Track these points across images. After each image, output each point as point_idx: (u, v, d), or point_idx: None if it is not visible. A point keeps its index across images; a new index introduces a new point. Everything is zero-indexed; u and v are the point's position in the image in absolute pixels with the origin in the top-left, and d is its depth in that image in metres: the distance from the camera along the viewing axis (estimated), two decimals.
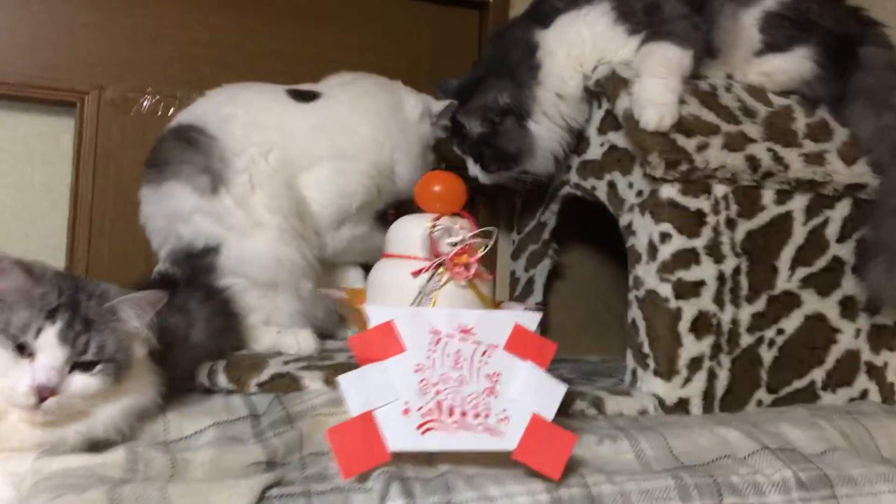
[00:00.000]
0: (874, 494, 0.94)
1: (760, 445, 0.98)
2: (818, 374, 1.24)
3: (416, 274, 0.91)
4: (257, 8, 1.51)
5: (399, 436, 0.81)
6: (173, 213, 1.21)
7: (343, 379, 0.82)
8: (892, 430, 1.09)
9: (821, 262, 1.24)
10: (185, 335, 1.07)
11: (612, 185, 1.25)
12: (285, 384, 1.04)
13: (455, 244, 0.91)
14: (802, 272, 1.23)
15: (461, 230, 0.92)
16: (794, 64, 1.29)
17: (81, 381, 0.83)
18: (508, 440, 0.83)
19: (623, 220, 1.23)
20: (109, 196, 1.39)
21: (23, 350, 0.82)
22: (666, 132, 1.13)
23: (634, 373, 1.19)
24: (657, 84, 1.15)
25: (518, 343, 0.88)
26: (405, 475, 0.81)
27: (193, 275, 1.19)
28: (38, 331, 0.82)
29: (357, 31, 1.58)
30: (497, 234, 0.96)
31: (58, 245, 1.41)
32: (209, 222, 1.20)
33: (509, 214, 1.63)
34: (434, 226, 0.91)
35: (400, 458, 0.84)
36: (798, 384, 1.23)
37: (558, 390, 0.86)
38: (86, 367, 0.84)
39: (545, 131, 1.31)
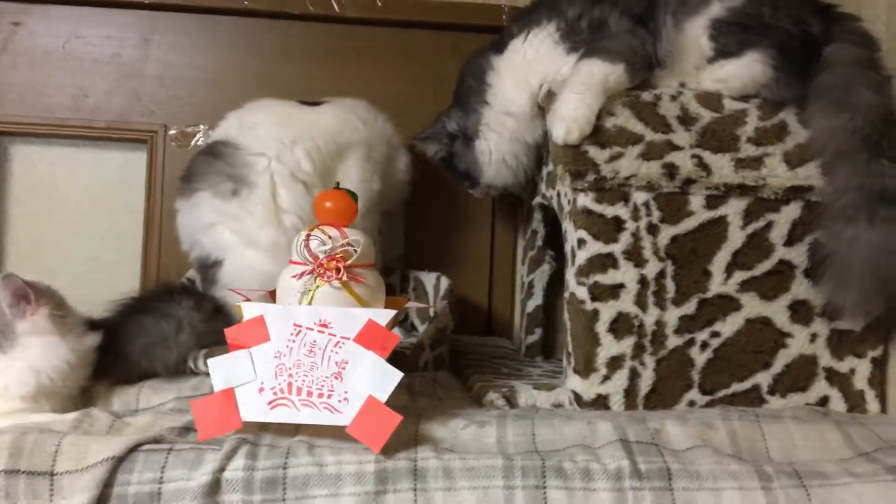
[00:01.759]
0: (715, 490, 0.96)
1: (617, 437, 1.04)
2: (763, 378, 1.24)
3: (298, 277, 1.09)
4: (294, 51, 1.75)
5: (250, 409, 0.98)
6: (199, 222, 1.43)
7: (211, 362, 1.02)
8: (791, 435, 1.08)
9: (764, 266, 1.23)
10: (172, 338, 1.32)
11: (558, 195, 1.34)
12: None
13: (325, 252, 1.07)
14: (741, 276, 1.23)
15: (330, 240, 1.08)
16: (747, 69, 1.28)
17: None
18: (344, 417, 0.98)
19: (563, 227, 1.31)
20: (175, 214, 1.69)
21: None
22: (577, 145, 1.20)
23: (565, 371, 1.27)
24: (572, 99, 1.22)
25: (366, 336, 1.02)
26: (258, 442, 0.99)
27: (204, 285, 1.44)
28: None
29: (384, 63, 1.77)
30: (363, 243, 1.10)
31: (134, 255, 1.74)
32: (226, 232, 1.40)
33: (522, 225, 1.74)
34: (308, 236, 1.08)
35: (266, 428, 1.02)
36: (737, 387, 1.24)
37: (394, 377, 0.99)
38: None
39: (493, 148, 1.44)
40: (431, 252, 1.77)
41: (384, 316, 1.04)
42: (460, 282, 1.58)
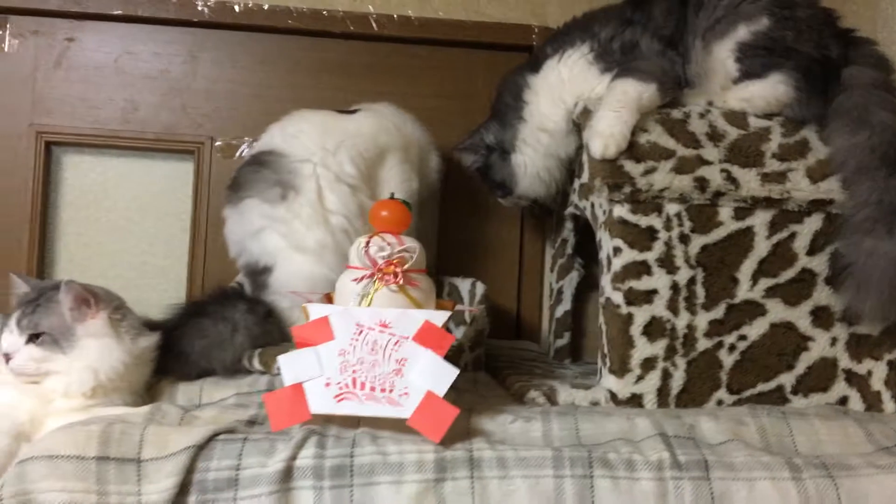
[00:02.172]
0: (749, 480, 1.04)
1: (658, 431, 1.12)
2: (787, 379, 1.32)
3: (357, 281, 1.17)
4: (334, 67, 1.84)
5: (319, 402, 1.06)
6: (247, 228, 1.50)
7: (281, 358, 1.10)
8: (817, 431, 1.17)
9: (788, 274, 1.32)
10: (229, 340, 1.41)
11: (592, 206, 1.42)
12: None
13: (384, 257, 1.15)
14: (767, 283, 1.32)
15: (388, 246, 1.16)
16: (771, 89, 1.37)
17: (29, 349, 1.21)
18: (405, 410, 1.06)
19: (597, 236, 1.39)
20: (219, 221, 1.75)
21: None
22: (613, 159, 1.29)
23: (600, 371, 1.36)
24: (609, 116, 1.31)
25: (424, 336, 1.10)
26: (325, 433, 1.07)
27: (254, 290, 1.51)
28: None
29: (419, 79, 1.86)
30: (419, 250, 1.18)
31: (181, 257, 1.82)
32: (275, 236, 1.47)
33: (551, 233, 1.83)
34: (368, 243, 1.17)
35: (331, 420, 1.10)
36: (763, 387, 1.32)
37: (451, 373, 1.08)
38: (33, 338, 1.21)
39: (527, 161, 1.52)
40: (463, 259, 1.85)
41: (440, 317, 1.12)
42: (490, 288, 1.65)
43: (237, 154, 1.80)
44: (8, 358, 1.20)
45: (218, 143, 1.81)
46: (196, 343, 1.41)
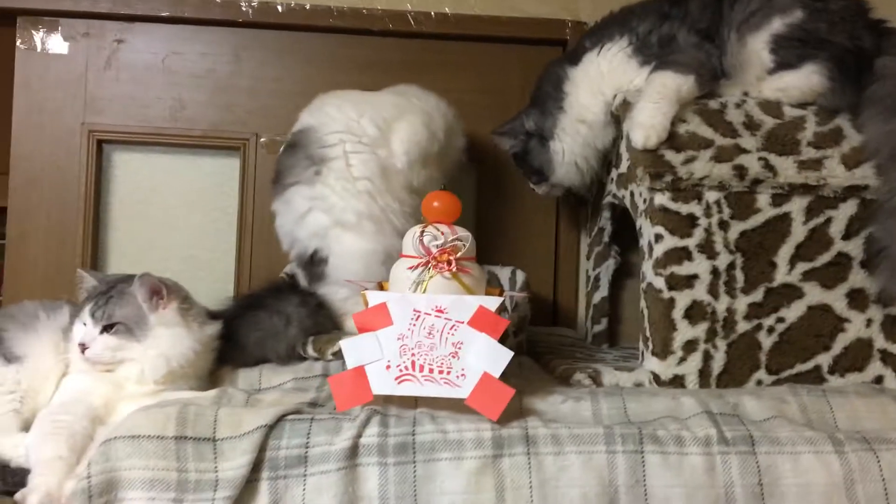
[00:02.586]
0: (794, 454, 1.09)
1: (703, 409, 1.17)
2: (824, 360, 1.37)
3: (412, 269, 1.22)
4: (373, 64, 1.90)
5: (380, 383, 1.12)
6: (295, 217, 1.55)
7: (343, 343, 1.16)
8: (856, 408, 1.21)
9: (824, 258, 1.36)
10: (282, 332, 1.47)
11: (632, 195, 1.47)
12: None
13: (438, 246, 1.21)
14: (804, 267, 1.36)
15: (442, 235, 1.21)
16: (805, 79, 1.42)
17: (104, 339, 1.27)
18: (463, 391, 1.11)
19: (637, 224, 1.44)
20: (265, 215, 1.81)
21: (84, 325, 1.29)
22: (654, 149, 1.34)
23: (642, 354, 1.41)
24: (649, 108, 1.36)
25: (479, 320, 1.16)
26: (387, 413, 1.13)
27: (310, 281, 1.56)
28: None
29: (454, 75, 1.91)
30: (471, 239, 1.24)
31: (229, 251, 1.89)
32: (320, 215, 1.52)
33: (586, 222, 1.87)
34: (422, 232, 1.22)
35: (390, 401, 1.16)
36: (801, 367, 1.36)
37: (506, 356, 1.13)
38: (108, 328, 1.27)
39: (565, 149, 1.58)
40: (500, 248, 1.90)
41: (493, 303, 1.18)
42: (527, 276, 1.71)
43: (280, 150, 1.86)
44: (84, 348, 1.26)
45: (262, 140, 1.87)
46: (252, 334, 1.47)
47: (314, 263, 1.56)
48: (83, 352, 1.26)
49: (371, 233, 1.52)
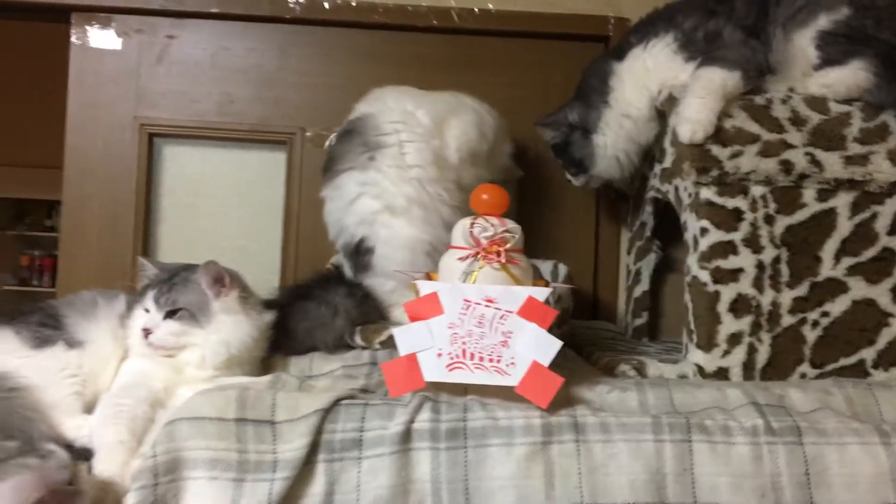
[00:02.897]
0: (841, 445, 1.10)
1: (750, 401, 1.19)
2: (868, 354, 1.37)
3: (462, 259, 1.25)
4: (418, 59, 1.93)
5: (432, 371, 1.15)
6: (345, 203, 1.56)
7: (396, 331, 1.19)
8: None
9: (869, 253, 1.37)
10: (330, 322, 1.51)
11: (676, 189, 1.48)
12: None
13: (488, 237, 1.23)
14: (849, 261, 1.37)
15: (492, 227, 1.24)
16: (851, 76, 1.42)
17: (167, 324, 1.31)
18: (513, 379, 1.14)
19: (682, 218, 1.46)
20: (310, 208, 1.86)
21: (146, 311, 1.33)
22: (700, 144, 1.35)
23: (686, 346, 1.42)
24: (696, 103, 1.37)
25: (528, 310, 1.18)
26: (438, 399, 1.16)
27: (356, 271, 1.59)
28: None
29: (496, 71, 1.94)
30: (520, 231, 1.26)
31: (275, 242, 1.93)
32: (369, 200, 1.54)
33: (627, 217, 1.89)
34: (472, 224, 1.25)
35: (440, 388, 1.19)
36: (845, 361, 1.37)
37: (555, 345, 1.15)
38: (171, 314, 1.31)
39: (608, 143, 1.60)
40: (540, 242, 1.93)
41: (542, 293, 1.20)
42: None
43: (326, 143, 1.89)
44: (147, 333, 1.30)
45: (308, 134, 1.91)
46: (301, 324, 1.50)
47: (360, 253, 1.58)
48: (146, 337, 1.30)
49: (419, 219, 1.54)
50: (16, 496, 0.92)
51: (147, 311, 1.32)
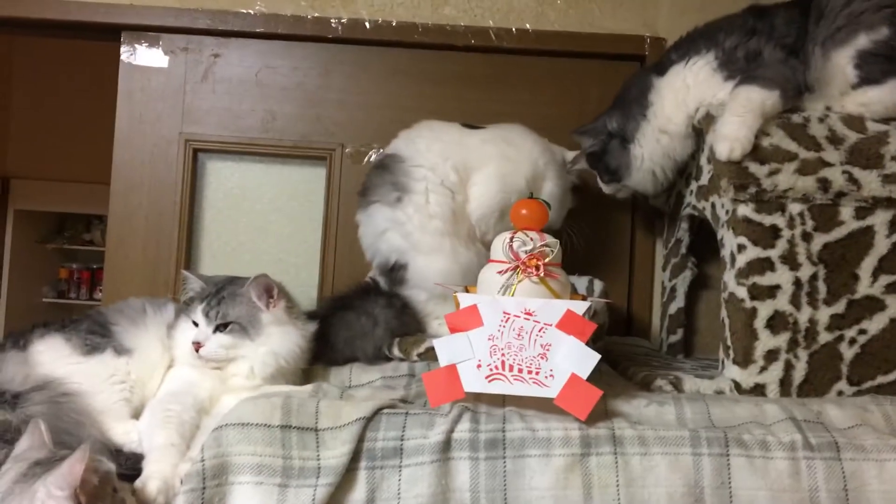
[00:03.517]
0: (879, 461, 1.11)
1: (787, 416, 1.19)
2: None
3: (501, 273, 1.27)
4: (457, 78, 1.97)
5: (471, 381, 1.17)
6: (376, 232, 1.62)
7: (436, 342, 1.21)
8: None
9: None
10: (370, 332, 1.54)
11: (713, 206, 1.49)
12: (434, 355, 1.44)
13: (527, 252, 1.26)
14: (887, 279, 1.37)
15: (531, 241, 1.26)
16: (889, 95, 1.43)
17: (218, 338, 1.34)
18: (552, 391, 1.15)
19: (718, 235, 1.47)
20: (350, 222, 1.87)
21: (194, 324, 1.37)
22: (738, 161, 1.36)
23: (723, 362, 1.43)
24: (734, 121, 1.38)
25: (567, 323, 1.20)
26: (477, 410, 1.18)
27: (391, 285, 1.63)
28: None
29: (533, 89, 1.97)
30: (559, 245, 1.29)
31: (314, 256, 1.96)
32: (398, 237, 1.59)
33: (662, 234, 1.90)
34: (511, 239, 1.27)
35: (479, 399, 1.21)
36: (882, 379, 1.37)
37: (593, 358, 1.17)
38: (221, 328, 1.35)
39: (645, 155, 1.62)
40: (575, 258, 1.94)
41: (581, 307, 1.22)
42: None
43: (365, 160, 1.94)
44: (198, 346, 1.33)
45: (348, 150, 1.95)
46: (341, 334, 1.54)
47: (395, 270, 1.62)
48: (197, 350, 1.33)
49: (445, 257, 1.58)
50: (68, 475, 0.95)
51: (196, 324, 1.36)
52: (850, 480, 1.10)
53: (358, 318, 1.55)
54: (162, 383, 1.37)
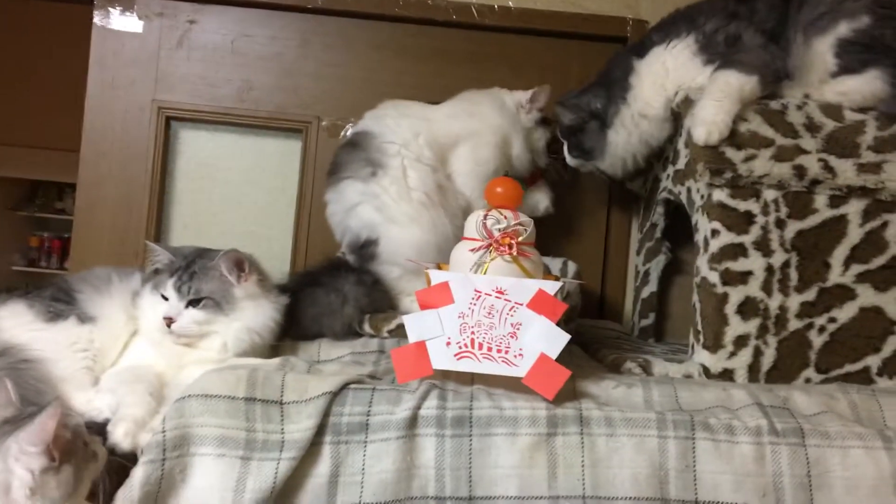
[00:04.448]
0: (843, 448, 1.11)
1: (754, 401, 1.19)
2: (873, 361, 1.38)
3: (474, 251, 1.26)
4: (434, 54, 1.94)
5: (440, 358, 1.16)
6: (346, 207, 1.61)
7: (406, 318, 1.20)
8: None
9: (879, 261, 1.38)
10: (339, 310, 1.52)
11: (689, 191, 1.49)
12: (404, 332, 1.43)
13: (500, 230, 1.24)
14: (858, 269, 1.38)
15: (505, 220, 1.25)
16: (868, 85, 1.43)
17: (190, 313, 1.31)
18: (520, 370, 1.15)
19: (693, 220, 1.46)
20: (323, 196, 1.87)
21: (164, 298, 1.33)
22: (715, 146, 1.36)
23: (692, 347, 1.43)
24: (712, 105, 1.38)
25: (538, 303, 1.19)
26: (445, 387, 1.17)
27: (361, 263, 1.61)
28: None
29: (514, 67, 1.95)
30: (533, 224, 1.28)
31: (287, 229, 1.94)
32: (370, 210, 1.58)
33: (637, 217, 1.90)
34: (485, 216, 1.26)
35: (448, 376, 1.20)
36: (850, 368, 1.38)
37: (563, 338, 1.16)
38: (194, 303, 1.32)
39: (620, 142, 1.62)
40: (550, 240, 1.93)
41: (552, 287, 1.21)
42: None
43: (341, 134, 1.91)
44: (170, 321, 1.30)
45: (324, 123, 1.92)
46: (309, 311, 1.52)
47: (365, 246, 1.60)
48: (169, 325, 1.30)
49: (424, 229, 1.57)
50: (41, 431, 0.95)
51: (166, 298, 1.33)
52: (814, 466, 1.10)
53: (327, 295, 1.53)
54: (124, 351, 1.35)
